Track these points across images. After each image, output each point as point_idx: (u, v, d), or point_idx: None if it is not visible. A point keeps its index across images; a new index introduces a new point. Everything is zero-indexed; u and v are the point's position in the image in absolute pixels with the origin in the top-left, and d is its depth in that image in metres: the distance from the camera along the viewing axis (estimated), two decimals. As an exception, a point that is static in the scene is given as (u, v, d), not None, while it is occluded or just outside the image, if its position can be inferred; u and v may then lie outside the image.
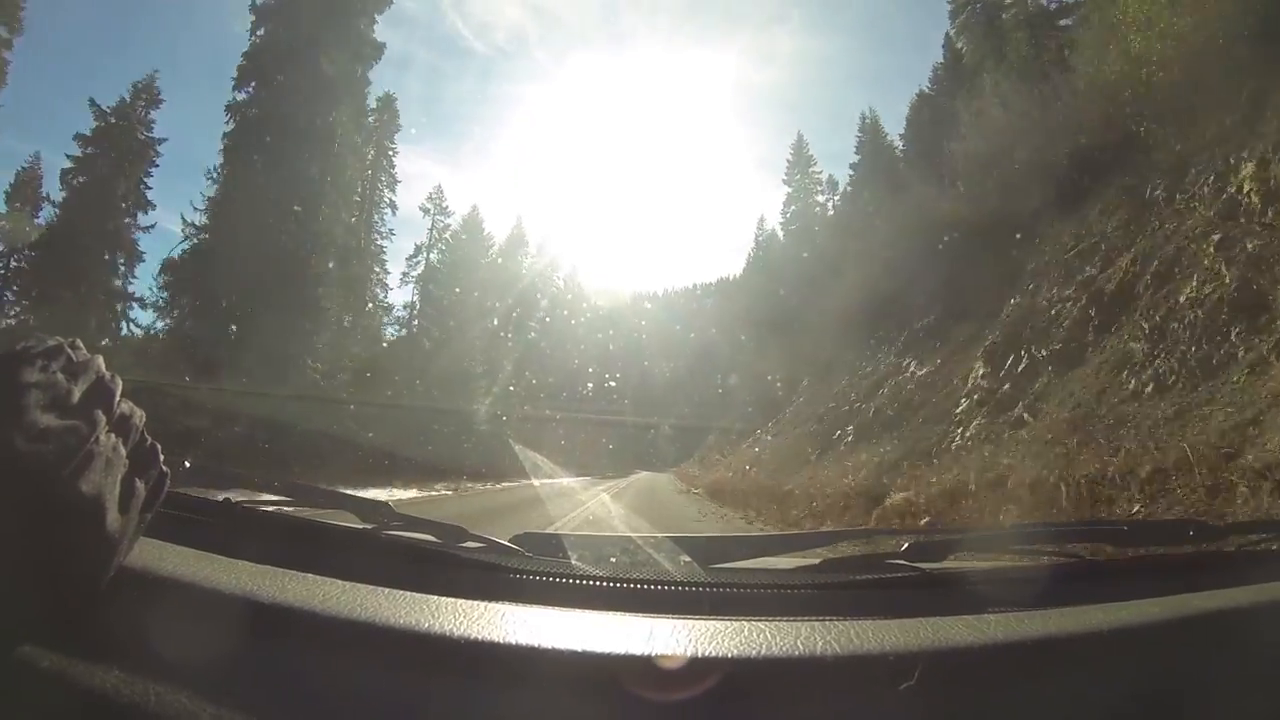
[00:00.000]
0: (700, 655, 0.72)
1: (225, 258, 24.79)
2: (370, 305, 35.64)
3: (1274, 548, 1.24)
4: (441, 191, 48.53)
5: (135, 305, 29.03)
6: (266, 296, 24.38)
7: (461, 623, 0.77)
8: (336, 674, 0.73)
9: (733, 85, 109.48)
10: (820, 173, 48.26)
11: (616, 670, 0.71)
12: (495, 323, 37.51)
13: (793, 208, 47.99)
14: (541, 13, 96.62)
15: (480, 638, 0.74)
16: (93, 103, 30.27)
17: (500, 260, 44.23)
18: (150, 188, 30.94)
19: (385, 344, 34.96)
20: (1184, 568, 1.18)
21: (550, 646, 0.73)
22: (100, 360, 0.81)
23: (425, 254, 43.36)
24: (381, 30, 31.80)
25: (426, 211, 45.10)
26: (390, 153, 37.73)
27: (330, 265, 29.49)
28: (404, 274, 42.12)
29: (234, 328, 25.35)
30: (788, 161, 48.79)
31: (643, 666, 0.71)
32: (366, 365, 28.41)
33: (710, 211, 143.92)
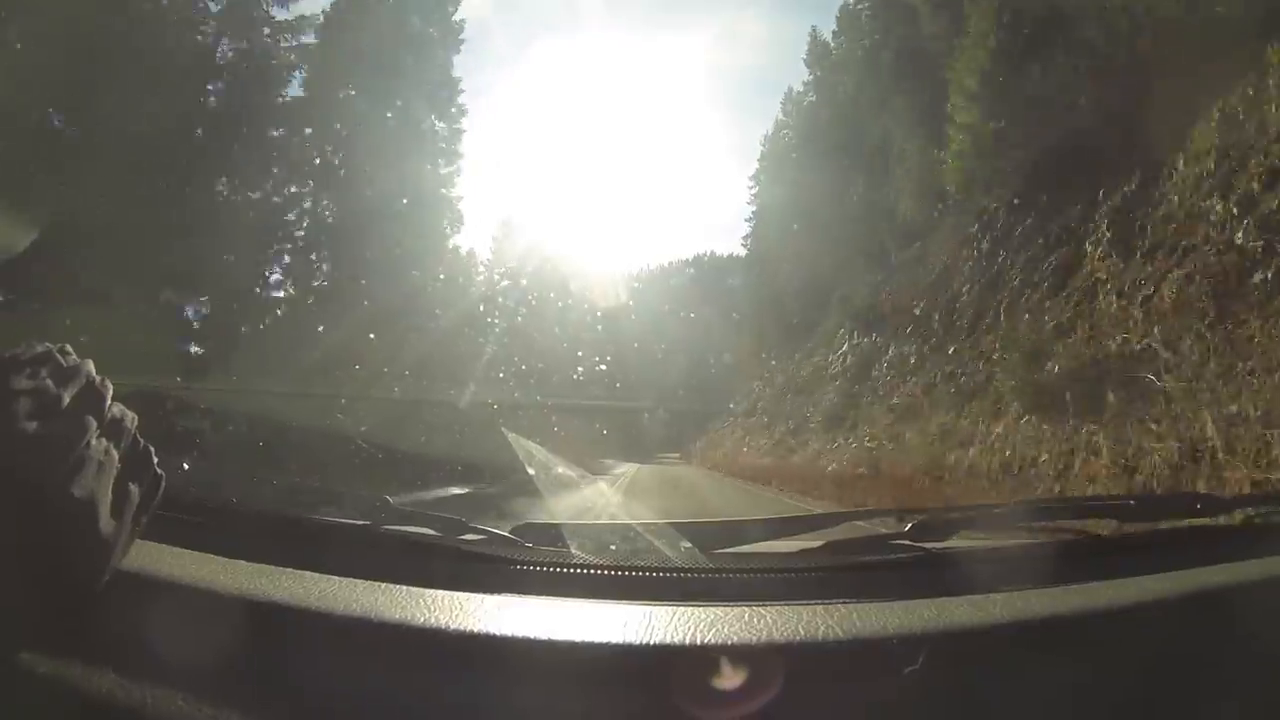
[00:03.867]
0: (701, 643, 0.71)
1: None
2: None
3: None
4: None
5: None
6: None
7: (460, 616, 0.76)
8: (335, 672, 0.72)
9: (704, 66, 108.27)
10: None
11: (617, 660, 0.70)
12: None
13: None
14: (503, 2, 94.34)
15: (479, 631, 0.74)
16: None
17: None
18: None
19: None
20: (1191, 542, 1.16)
21: (549, 638, 0.72)
22: (90, 365, 0.81)
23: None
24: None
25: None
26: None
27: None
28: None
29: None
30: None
31: (643, 655, 0.70)
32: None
33: (689, 190, 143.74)
